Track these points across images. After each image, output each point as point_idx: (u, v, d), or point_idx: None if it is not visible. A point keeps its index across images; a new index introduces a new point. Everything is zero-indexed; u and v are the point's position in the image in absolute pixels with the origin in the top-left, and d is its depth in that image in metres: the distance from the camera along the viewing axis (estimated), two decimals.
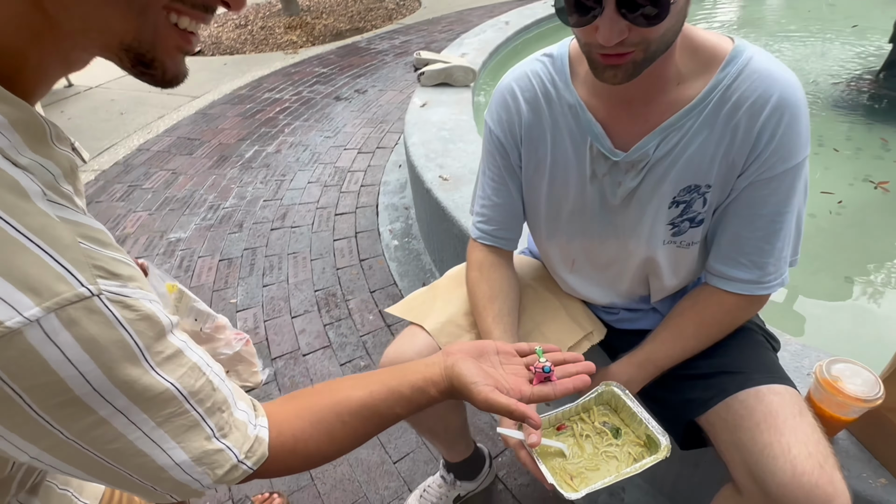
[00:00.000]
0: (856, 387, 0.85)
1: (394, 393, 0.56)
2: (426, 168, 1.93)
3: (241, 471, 0.46)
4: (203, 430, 0.43)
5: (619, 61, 0.63)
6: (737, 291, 0.80)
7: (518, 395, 0.58)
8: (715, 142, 0.72)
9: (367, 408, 0.54)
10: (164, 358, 0.39)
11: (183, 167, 3.11)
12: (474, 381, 0.56)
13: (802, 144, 0.71)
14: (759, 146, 0.70)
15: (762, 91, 0.68)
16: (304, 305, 2.01)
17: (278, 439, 0.50)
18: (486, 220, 0.95)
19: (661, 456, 0.69)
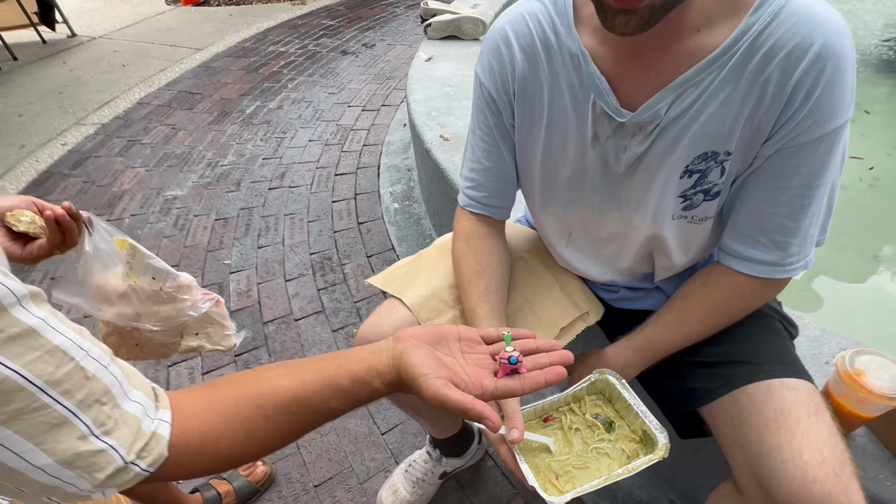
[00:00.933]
0: (882, 382, 0.76)
1: (330, 385, 0.47)
2: (427, 127, 1.82)
3: (132, 474, 0.39)
4: (74, 428, 0.36)
5: (635, 3, 0.52)
6: (753, 274, 0.70)
7: (479, 389, 0.50)
8: (739, 100, 0.60)
9: (296, 401, 0.46)
10: (3, 338, 0.32)
11: (183, 122, 3.02)
12: (424, 372, 0.48)
13: (846, 105, 0.59)
14: (794, 105, 0.58)
15: (802, 38, 0.56)
16: (298, 269, 1.94)
17: (182, 437, 0.42)
18: (476, 186, 0.85)
19: (657, 456, 0.61)
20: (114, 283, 0.76)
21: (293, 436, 0.48)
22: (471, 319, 0.79)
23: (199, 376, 1.56)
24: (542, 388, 0.51)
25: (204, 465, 0.44)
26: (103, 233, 0.74)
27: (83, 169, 2.62)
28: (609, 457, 0.66)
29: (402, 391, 0.51)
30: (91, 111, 3.25)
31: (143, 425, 0.40)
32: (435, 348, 0.53)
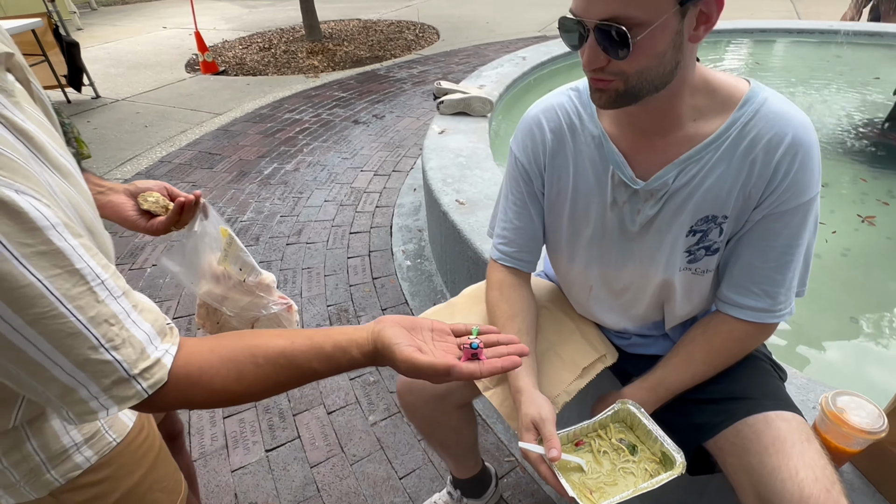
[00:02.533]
0: (860, 419, 0.88)
1: (315, 347, 0.55)
2: (443, 192, 2.00)
3: (133, 390, 0.47)
4: (87, 338, 0.43)
5: (603, 86, 0.71)
6: (748, 319, 0.84)
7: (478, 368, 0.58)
8: (733, 175, 0.77)
9: (284, 356, 0.54)
10: (33, 252, 0.39)
11: (203, 180, 3.19)
12: (397, 342, 0.56)
13: (814, 182, 0.76)
14: (775, 181, 0.75)
15: (778, 130, 0.74)
16: (316, 319, 2.04)
17: (184, 368, 0.50)
18: (507, 242, 1.00)
19: (676, 472, 0.72)
20: (211, 264, 0.86)
21: (277, 386, 0.55)
22: None
23: (219, 419, 1.62)
24: (499, 372, 0.58)
25: (198, 395, 0.51)
26: (214, 219, 0.85)
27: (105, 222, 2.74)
28: (634, 475, 0.76)
29: (378, 362, 0.58)
30: (114, 167, 3.42)
31: (147, 349, 0.48)
32: (410, 332, 0.60)
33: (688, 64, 0.72)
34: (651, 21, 0.63)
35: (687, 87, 0.75)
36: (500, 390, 0.95)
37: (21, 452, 0.60)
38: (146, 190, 0.84)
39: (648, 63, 0.67)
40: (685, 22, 0.66)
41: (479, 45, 6.29)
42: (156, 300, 2.14)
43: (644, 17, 0.63)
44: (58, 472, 0.64)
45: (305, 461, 1.49)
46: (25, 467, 0.61)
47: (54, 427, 0.63)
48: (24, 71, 0.52)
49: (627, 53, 0.65)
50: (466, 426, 1.09)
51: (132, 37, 7.46)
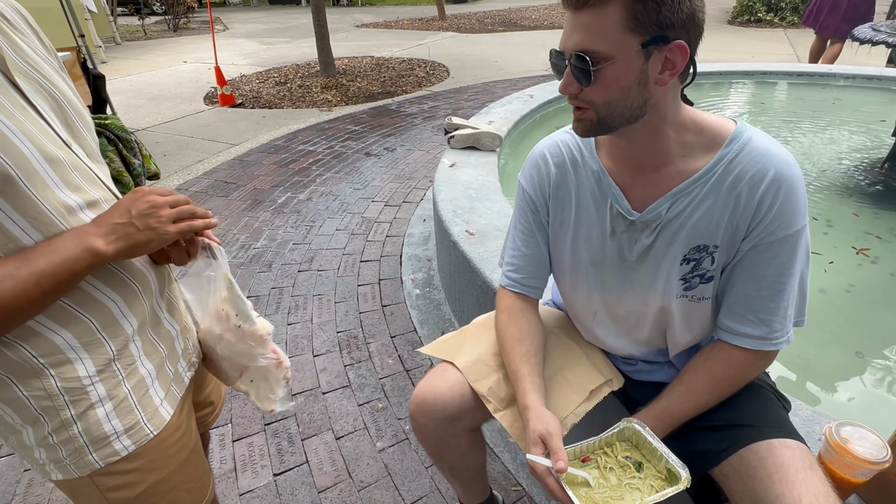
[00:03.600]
0: (864, 449, 0.90)
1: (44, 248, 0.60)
2: (453, 223, 2.06)
3: None
4: None
5: (580, 115, 0.80)
6: (746, 346, 0.87)
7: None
8: (720, 207, 0.82)
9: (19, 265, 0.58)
10: None
11: (218, 208, 3.28)
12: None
13: (800, 215, 0.80)
14: (760, 214, 0.80)
15: (760, 167, 0.79)
16: (326, 345, 2.07)
17: None
18: (516, 269, 1.04)
19: (681, 486, 0.74)
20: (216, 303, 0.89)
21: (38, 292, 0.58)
22: (514, 378, 0.95)
23: (228, 443, 1.63)
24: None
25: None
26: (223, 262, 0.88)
27: None
28: (640, 490, 0.78)
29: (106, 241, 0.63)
30: None
31: None
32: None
33: (662, 103, 0.78)
34: (613, 56, 0.72)
35: (671, 125, 0.81)
36: (510, 412, 0.98)
37: (68, 433, 0.68)
38: None
39: (614, 95, 0.75)
40: (649, 64, 0.73)
41: (487, 82, 6.50)
42: None
43: (608, 52, 0.71)
44: (98, 456, 0.71)
45: (313, 486, 1.50)
46: (71, 447, 0.69)
47: (98, 415, 0.69)
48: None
49: (590, 82, 0.74)
50: (476, 451, 1.11)
51: (154, 70, 7.76)
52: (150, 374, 0.76)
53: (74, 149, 0.67)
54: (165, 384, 0.79)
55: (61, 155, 0.63)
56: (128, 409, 0.72)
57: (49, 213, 0.61)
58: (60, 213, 0.62)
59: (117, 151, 0.86)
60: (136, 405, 0.73)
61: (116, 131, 0.85)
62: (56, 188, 0.62)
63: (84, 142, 0.70)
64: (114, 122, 0.85)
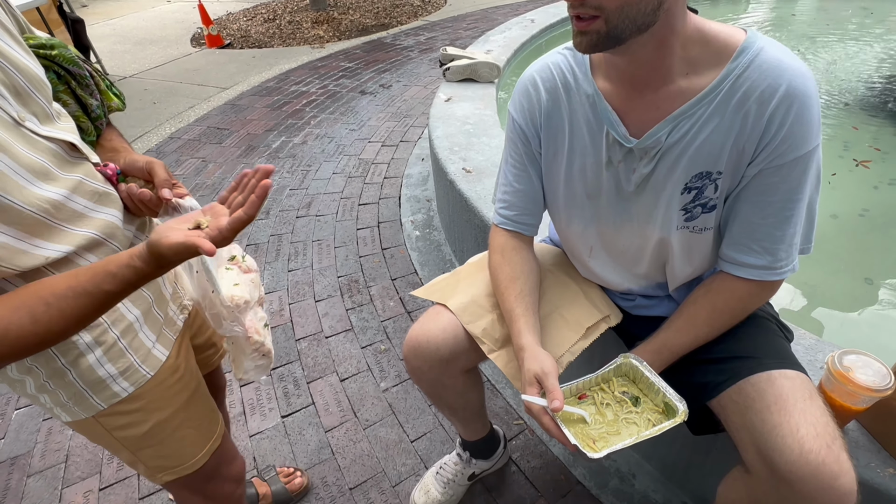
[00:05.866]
0: (866, 377, 0.87)
1: (100, 272, 0.57)
2: (450, 160, 1.98)
3: None
4: None
5: (585, 27, 0.69)
6: (749, 277, 0.83)
7: (217, 231, 0.59)
8: (725, 130, 0.75)
9: (71, 288, 0.55)
10: None
11: (212, 155, 3.21)
12: (159, 236, 0.57)
13: (812, 134, 0.73)
14: (769, 135, 0.73)
15: (771, 81, 0.71)
16: (327, 290, 2.07)
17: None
18: (508, 206, 0.99)
19: (679, 419, 0.73)
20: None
21: (76, 320, 0.56)
22: (509, 319, 0.92)
23: (236, 387, 1.67)
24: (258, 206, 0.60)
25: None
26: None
27: None
28: (637, 425, 0.77)
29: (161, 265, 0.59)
30: None
31: None
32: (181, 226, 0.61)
33: (674, 9, 0.69)
34: None
35: (677, 38, 0.72)
36: (504, 352, 0.96)
37: (64, 380, 0.69)
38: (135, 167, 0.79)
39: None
40: None
41: (487, 8, 6.12)
42: None
43: None
44: (100, 398, 0.72)
45: (320, 426, 1.54)
46: (70, 391, 0.71)
47: (89, 361, 0.70)
48: None
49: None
50: (472, 390, 1.11)
51: (136, 12, 7.39)
52: (137, 320, 0.76)
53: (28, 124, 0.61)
54: (156, 328, 0.79)
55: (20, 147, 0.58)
56: (119, 354, 0.73)
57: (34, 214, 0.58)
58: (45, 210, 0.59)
59: (70, 91, 0.78)
60: (127, 349, 0.74)
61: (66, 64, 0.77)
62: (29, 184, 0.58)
63: (37, 105, 0.64)
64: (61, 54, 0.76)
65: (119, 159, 0.80)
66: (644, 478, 1.35)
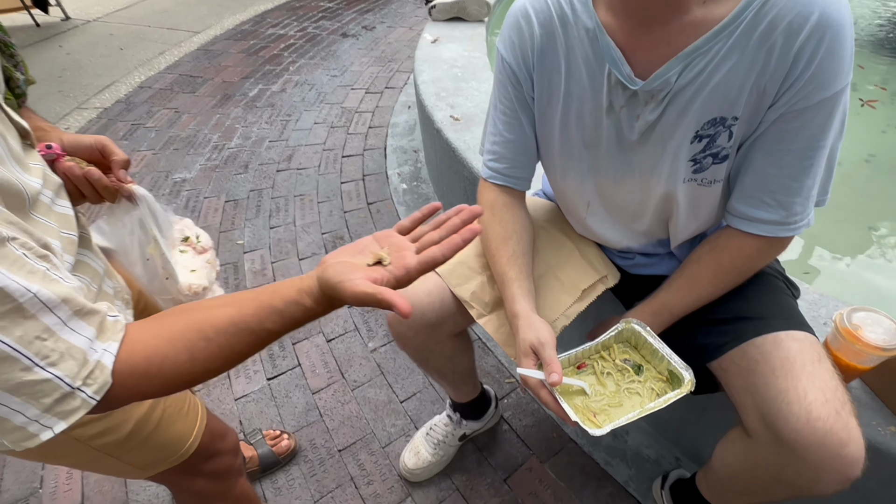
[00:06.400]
0: (875, 335, 0.83)
1: (265, 307, 0.50)
2: (436, 107, 1.85)
3: (79, 400, 0.42)
4: (18, 361, 0.39)
5: None
6: (759, 233, 0.76)
7: (403, 269, 0.51)
8: (746, 68, 0.65)
9: (234, 324, 0.49)
10: None
11: (186, 106, 3.02)
12: (340, 279, 0.49)
13: (844, 71, 0.64)
14: (795, 72, 0.63)
15: (801, 9, 0.61)
16: (311, 248, 1.99)
17: (126, 363, 0.45)
18: (497, 158, 0.90)
19: (685, 390, 0.68)
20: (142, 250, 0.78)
21: (234, 357, 0.50)
22: (501, 283, 0.85)
23: None
24: (461, 247, 0.53)
25: (151, 386, 0.47)
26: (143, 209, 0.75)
27: None
28: (640, 395, 0.72)
29: (334, 306, 0.53)
30: (92, 95, 3.24)
31: (88, 356, 0.43)
32: (355, 259, 0.54)
33: None
34: None
35: None
36: (494, 317, 0.90)
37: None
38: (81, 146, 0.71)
39: None
40: None
41: None
42: None
43: None
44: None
45: (307, 388, 1.51)
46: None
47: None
48: None
49: None
50: (461, 354, 1.06)
51: None
52: None
53: None
54: None
55: None
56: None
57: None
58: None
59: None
60: None
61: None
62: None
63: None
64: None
65: (49, 139, 0.69)
66: (637, 434, 1.33)
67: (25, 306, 0.39)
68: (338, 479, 1.29)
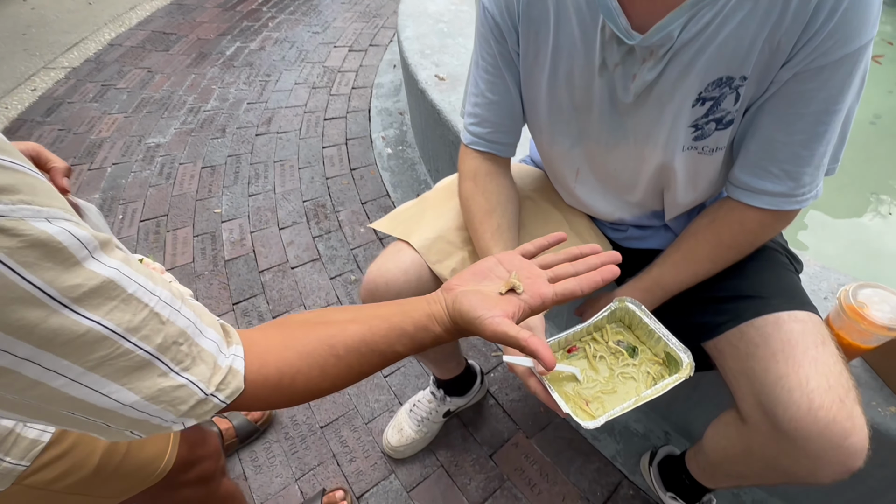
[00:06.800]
0: (883, 314, 0.78)
1: (395, 329, 0.50)
2: (420, 66, 1.74)
3: (211, 405, 0.41)
4: (155, 367, 0.37)
5: None
6: (763, 206, 0.69)
7: (539, 300, 0.51)
8: (759, 18, 0.57)
9: (365, 343, 0.48)
10: (82, 293, 0.32)
11: (159, 65, 2.86)
12: (478, 314, 0.49)
13: (871, 22, 0.56)
14: (815, 25, 0.55)
15: None
16: (291, 217, 1.91)
17: (260, 372, 0.44)
18: (480, 122, 0.82)
19: (683, 375, 0.62)
20: None
21: (360, 376, 0.50)
22: None
23: None
24: (600, 286, 0.52)
25: (280, 398, 0.46)
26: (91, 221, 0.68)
27: (57, 116, 2.49)
28: (635, 380, 0.67)
29: (463, 336, 0.52)
30: (59, 54, 3.06)
31: (218, 361, 0.42)
32: (481, 285, 0.53)
33: None
34: None
35: None
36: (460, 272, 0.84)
37: None
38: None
39: None
40: None
41: None
42: (119, 202, 1.99)
43: None
44: (14, 457, 0.56)
45: None
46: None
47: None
48: None
49: None
50: None
51: None
52: None
53: None
54: None
55: None
56: None
57: None
58: None
59: None
60: None
61: None
62: None
63: None
64: None
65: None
66: None
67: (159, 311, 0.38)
68: (320, 455, 1.26)
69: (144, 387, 0.37)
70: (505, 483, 1.19)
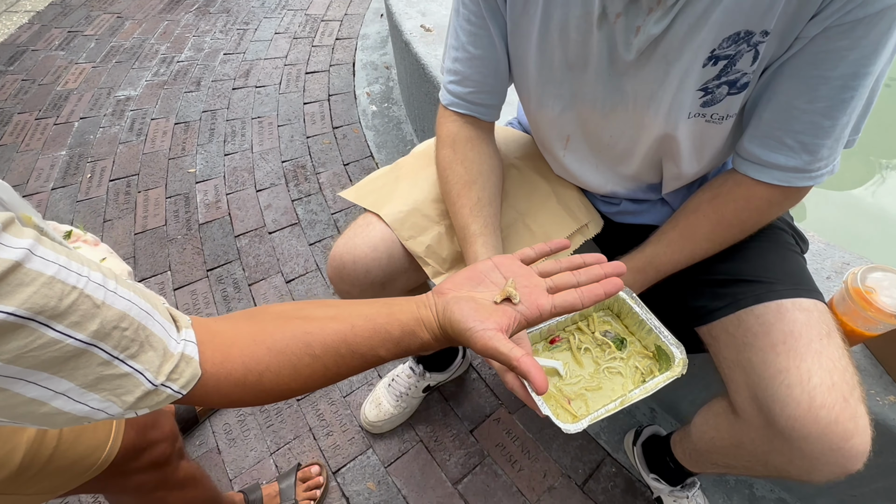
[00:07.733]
0: (893, 301, 0.72)
1: (380, 331, 0.46)
2: (406, 15, 1.60)
3: (164, 395, 0.38)
4: (94, 356, 0.33)
5: None
6: (773, 182, 0.61)
7: (536, 311, 0.48)
8: None
9: (346, 344, 0.45)
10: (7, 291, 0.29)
11: (129, 10, 2.66)
12: (469, 326, 0.45)
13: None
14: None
15: None
16: (270, 178, 1.81)
17: (223, 366, 0.41)
18: (461, 80, 0.73)
19: (675, 373, 0.57)
20: None
21: (336, 378, 0.46)
22: (462, 237, 0.71)
23: (170, 291, 1.49)
24: (602, 299, 0.49)
25: (244, 395, 0.43)
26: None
27: (21, 65, 2.32)
28: (622, 375, 0.61)
29: (453, 344, 0.49)
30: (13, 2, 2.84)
31: (168, 346, 0.38)
32: (475, 290, 0.49)
33: None
34: None
35: None
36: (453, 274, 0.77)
37: None
38: None
39: None
40: None
41: None
42: (87, 159, 1.88)
43: None
44: None
45: None
46: None
47: None
48: None
49: None
50: None
51: None
52: None
53: None
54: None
55: None
56: None
57: None
58: None
59: None
60: None
61: None
62: None
63: None
64: None
65: None
66: None
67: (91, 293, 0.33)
68: (295, 429, 1.22)
69: (80, 374, 0.33)
70: (485, 459, 1.16)
